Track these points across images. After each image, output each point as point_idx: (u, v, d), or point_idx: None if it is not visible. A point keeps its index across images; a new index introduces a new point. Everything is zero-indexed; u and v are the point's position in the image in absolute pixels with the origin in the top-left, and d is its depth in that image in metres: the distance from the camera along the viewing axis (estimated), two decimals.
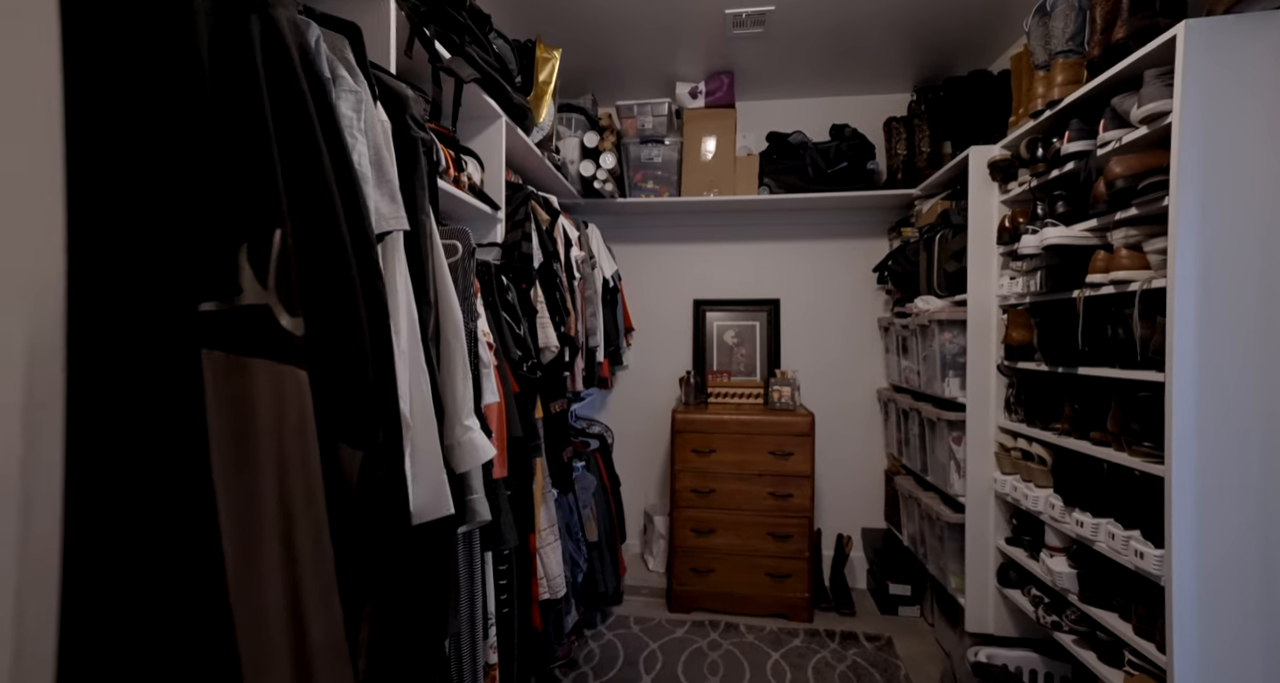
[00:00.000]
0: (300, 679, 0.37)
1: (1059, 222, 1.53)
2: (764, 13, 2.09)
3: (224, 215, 0.37)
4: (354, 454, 0.50)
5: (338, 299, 0.46)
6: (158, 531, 0.35)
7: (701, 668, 2.12)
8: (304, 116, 0.47)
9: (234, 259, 0.37)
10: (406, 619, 0.52)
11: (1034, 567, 1.67)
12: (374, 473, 0.53)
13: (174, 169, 0.35)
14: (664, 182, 2.68)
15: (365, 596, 0.45)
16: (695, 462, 2.52)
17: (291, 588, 0.38)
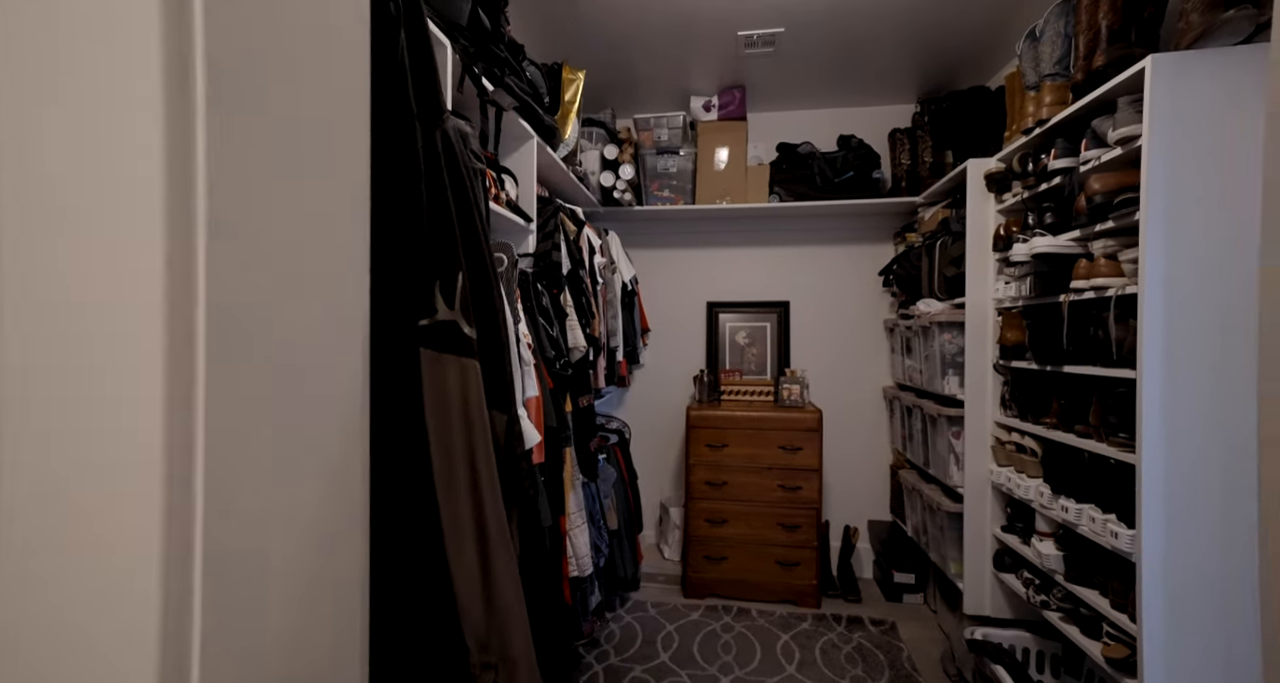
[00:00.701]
0: (481, 548, 0.54)
1: (1047, 231, 1.66)
2: (774, 34, 2.23)
3: (427, 264, 0.54)
4: (500, 417, 0.73)
5: (489, 317, 0.64)
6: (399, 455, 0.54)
7: (715, 648, 2.26)
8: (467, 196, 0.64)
9: (432, 291, 0.53)
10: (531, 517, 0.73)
11: (1026, 551, 1.80)
12: (512, 430, 0.76)
13: (403, 234, 0.54)
14: (679, 190, 2.82)
15: (511, 504, 0.67)
16: (709, 456, 2.66)
17: (476, 496, 0.55)
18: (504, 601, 0.57)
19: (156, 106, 0.24)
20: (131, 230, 0.24)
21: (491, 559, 0.56)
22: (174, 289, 0.24)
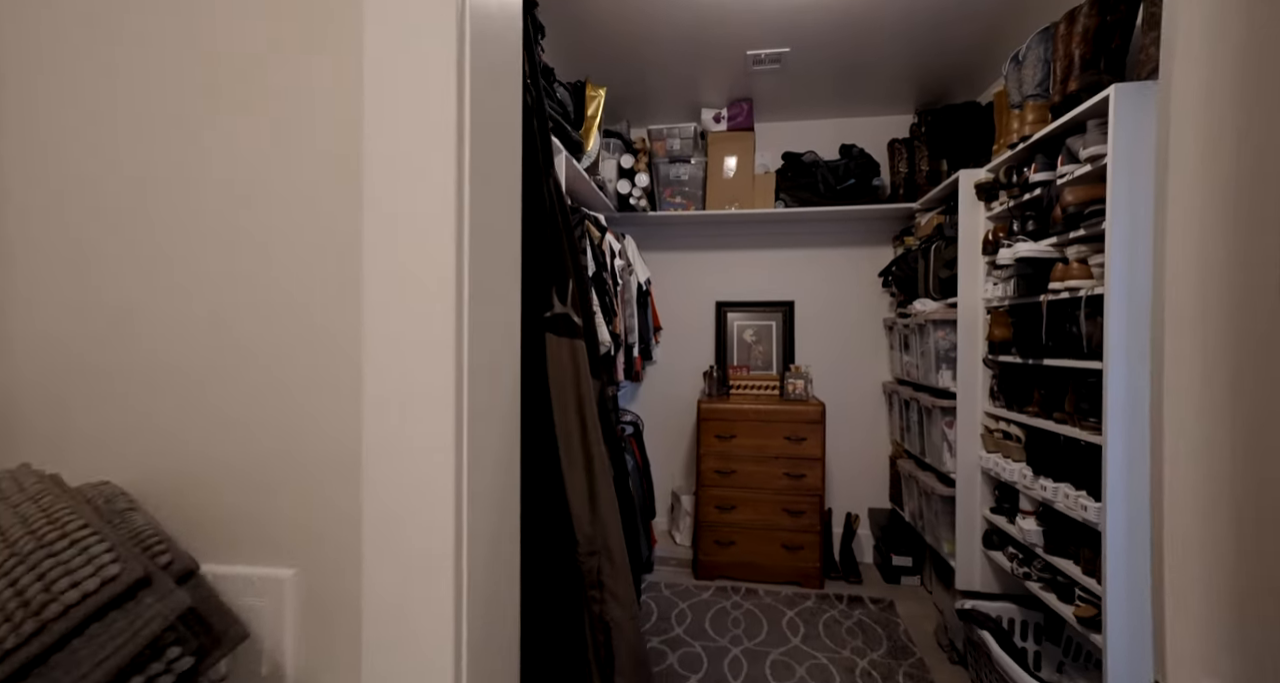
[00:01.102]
0: (588, 472, 0.72)
1: (1029, 237, 1.83)
2: (780, 53, 2.40)
3: (548, 274, 0.72)
4: (597, 382, 0.90)
5: (586, 311, 0.82)
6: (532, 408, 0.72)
7: (725, 623, 2.44)
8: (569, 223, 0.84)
9: (549, 293, 0.71)
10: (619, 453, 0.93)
11: (1011, 529, 1.97)
12: (605, 392, 0.95)
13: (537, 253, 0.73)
14: (690, 197, 3.00)
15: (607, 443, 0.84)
16: (718, 446, 2.84)
17: (584, 436, 0.74)
18: (603, 509, 0.74)
19: (451, 194, 0.42)
20: (439, 266, 0.42)
21: (595, 480, 0.75)
22: (459, 314, 0.41)
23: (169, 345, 0.48)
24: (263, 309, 0.46)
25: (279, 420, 0.46)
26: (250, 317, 0.47)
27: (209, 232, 0.47)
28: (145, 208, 0.48)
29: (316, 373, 0.45)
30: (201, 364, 0.47)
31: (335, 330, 0.45)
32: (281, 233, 0.46)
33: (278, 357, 0.46)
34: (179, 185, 0.48)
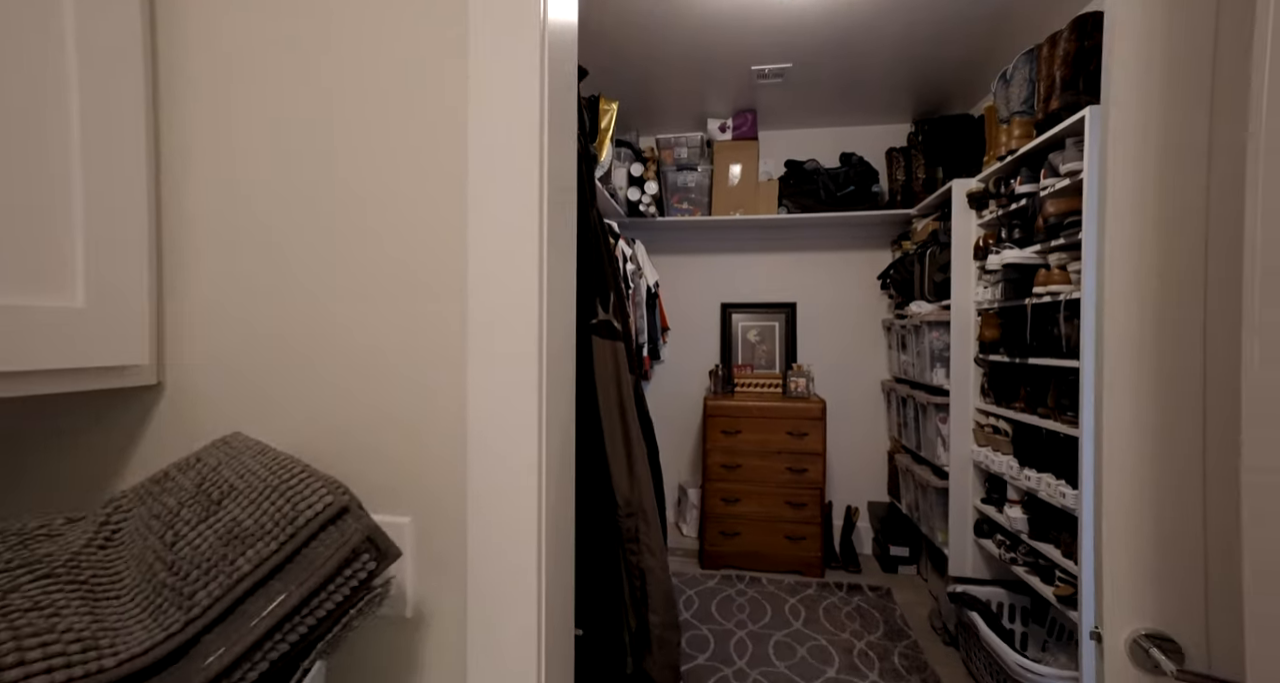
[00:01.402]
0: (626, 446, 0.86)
1: (1015, 244, 1.96)
2: (783, 68, 2.54)
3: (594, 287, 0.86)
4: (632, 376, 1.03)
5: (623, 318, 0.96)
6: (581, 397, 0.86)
7: (731, 608, 2.58)
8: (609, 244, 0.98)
9: (594, 303, 0.86)
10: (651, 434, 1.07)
11: (999, 518, 2.10)
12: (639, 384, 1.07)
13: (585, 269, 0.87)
14: (697, 203, 3.14)
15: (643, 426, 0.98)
16: (724, 441, 2.97)
17: (623, 418, 0.87)
18: (639, 478, 0.88)
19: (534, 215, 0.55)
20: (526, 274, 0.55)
21: (633, 456, 0.89)
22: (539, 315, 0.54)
23: (325, 330, 0.61)
24: (401, 302, 0.59)
25: (407, 394, 0.59)
26: (390, 308, 0.60)
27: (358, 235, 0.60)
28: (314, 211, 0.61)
29: (434, 356, 0.59)
30: (347, 346, 0.60)
31: (449, 321, 0.59)
32: (411, 235, 0.59)
33: (404, 341, 0.59)
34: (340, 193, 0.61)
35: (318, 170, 0.61)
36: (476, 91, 0.58)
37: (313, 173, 0.61)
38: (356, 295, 0.60)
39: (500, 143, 0.57)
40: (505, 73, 0.58)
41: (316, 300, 0.61)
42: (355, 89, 0.61)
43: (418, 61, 0.60)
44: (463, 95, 0.59)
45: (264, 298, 0.62)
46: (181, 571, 0.39)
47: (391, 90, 0.60)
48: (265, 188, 0.62)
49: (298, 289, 0.61)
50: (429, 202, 0.59)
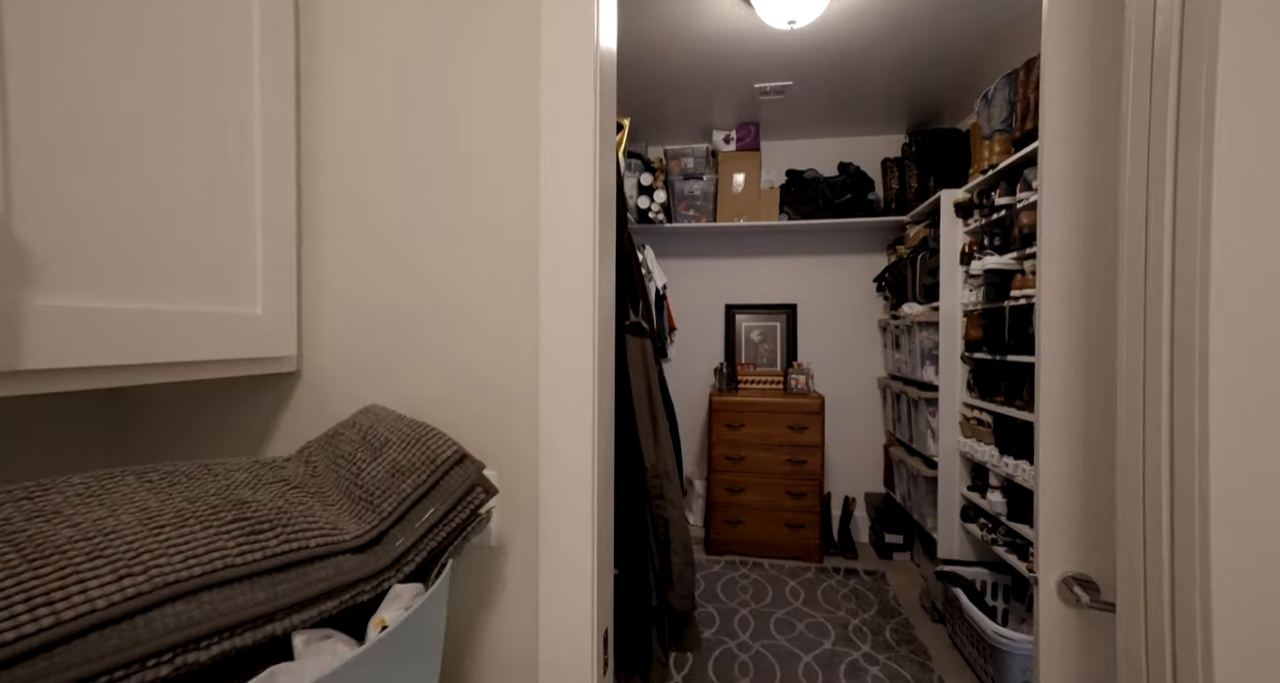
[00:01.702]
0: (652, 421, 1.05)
1: (995, 252, 2.14)
2: (784, 86, 2.72)
3: (627, 294, 1.04)
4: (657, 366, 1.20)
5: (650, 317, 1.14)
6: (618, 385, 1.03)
7: (735, 589, 2.76)
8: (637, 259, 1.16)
9: (626, 308, 1.04)
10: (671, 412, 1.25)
11: (982, 503, 2.28)
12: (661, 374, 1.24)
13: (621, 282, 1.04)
14: (702, 210, 3.32)
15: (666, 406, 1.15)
16: (728, 435, 3.16)
17: (650, 398, 1.06)
18: (663, 446, 1.06)
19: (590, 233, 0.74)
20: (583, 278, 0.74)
21: (658, 429, 1.07)
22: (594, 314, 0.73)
23: (427, 323, 0.80)
24: (486, 302, 0.77)
25: (491, 376, 0.78)
26: (477, 306, 0.78)
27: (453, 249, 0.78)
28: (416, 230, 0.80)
29: (512, 345, 0.77)
30: (444, 337, 0.79)
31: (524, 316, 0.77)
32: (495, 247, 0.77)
33: (488, 333, 0.78)
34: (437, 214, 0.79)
35: (418, 196, 0.80)
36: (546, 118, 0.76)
37: (413, 199, 0.80)
38: (452, 298, 0.79)
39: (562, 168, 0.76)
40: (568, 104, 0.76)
41: (420, 300, 0.80)
42: (450, 125, 0.79)
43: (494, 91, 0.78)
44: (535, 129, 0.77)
45: (377, 298, 0.80)
46: (368, 492, 0.58)
47: (478, 127, 0.79)
48: (376, 212, 0.81)
49: (405, 291, 0.80)
50: (507, 219, 0.78)
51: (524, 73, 0.77)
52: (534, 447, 0.77)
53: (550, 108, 0.77)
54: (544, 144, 0.77)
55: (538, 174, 0.77)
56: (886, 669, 2.12)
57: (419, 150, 0.80)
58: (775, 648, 2.26)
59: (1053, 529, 0.99)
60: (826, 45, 2.36)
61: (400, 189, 0.80)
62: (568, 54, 0.76)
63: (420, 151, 0.80)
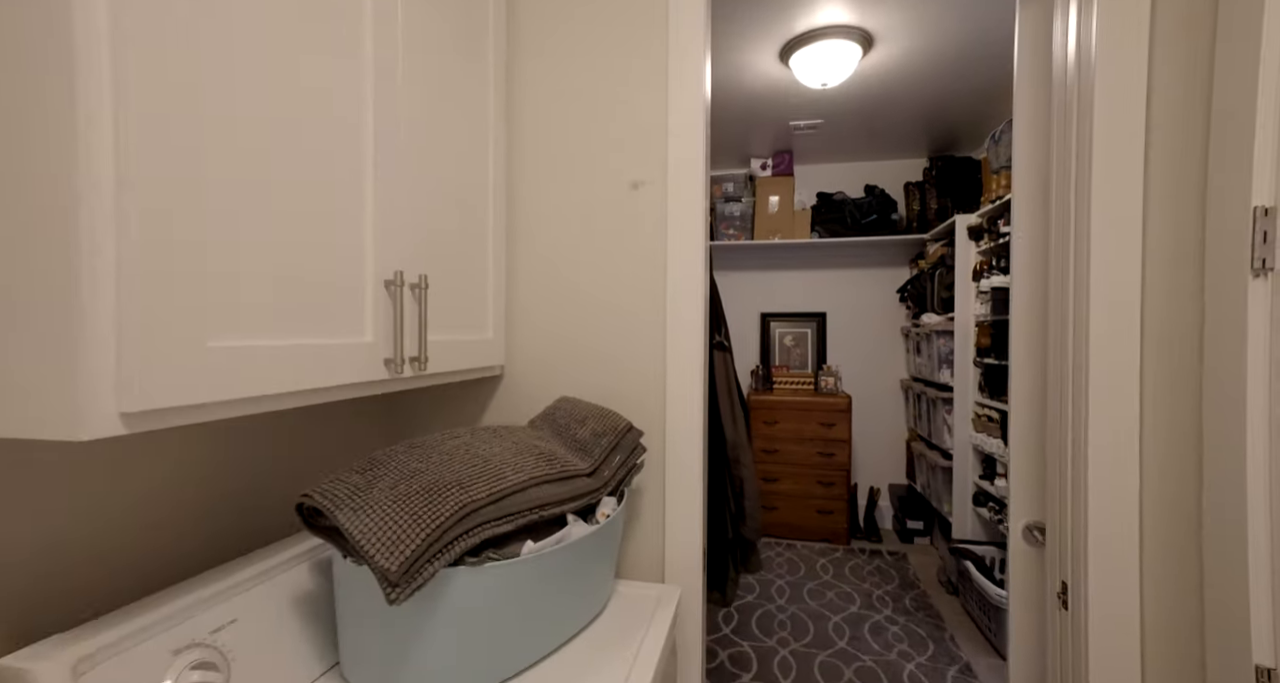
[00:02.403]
0: (732, 411, 1.44)
1: (1001, 272, 2.49)
2: (816, 123, 3.10)
3: (714, 320, 1.44)
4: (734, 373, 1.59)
5: (729, 340, 1.54)
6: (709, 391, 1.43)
7: (772, 565, 3.14)
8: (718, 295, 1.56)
9: (713, 331, 1.43)
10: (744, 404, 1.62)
11: (991, 489, 2.62)
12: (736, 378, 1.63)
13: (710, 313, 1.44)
14: (741, 228, 3.71)
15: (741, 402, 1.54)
16: (764, 430, 3.53)
17: (730, 398, 1.46)
18: (739, 426, 1.46)
19: (701, 272, 1.16)
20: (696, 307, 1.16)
21: (735, 413, 1.46)
22: (702, 335, 1.13)
23: (593, 335, 1.21)
24: (632, 318, 1.19)
25: (635, 371, 1.18)
26: (625, 321, 1.20)
27: (608, 279, 1.20)
28: (581, 266, 1.21)
29: (648, 350, 1.18)
30: (603, 344, 1.20)
31: (655, 330, 1.18)
32: (638, 279, 1.19)
33: (633, 340, 1.19)
34: (596, 251, 1.21)
35: (583, 239, 1.21)
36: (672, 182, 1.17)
37: (580, 242, 1.21)
38: (607, 320, 1.20)
39: (683, 208, 1.16)
40: (688, 151, 1.17)
41: (586, 321, 1.21)
42: (603, 190, 1.20)
43: (633, 152, 1.19)
44: (664, 194, 1.18)
45: (558, 318, 1.22)
46: (583, 445, 0.99)
47: (623, 198, 1.20)
48: (556, 252, 1.23)
49: (575, 315, 1.21)
50: (644, 262, 1.18)
51: (656, 164, 1.18)
52: (662, 423, 1.18)
53: (674, 172, 1.17)
54: (670, 209, 1.17)
55: (666, 233, 1.17)
56: (905, 629, 2.48)
57: (584, 209, 1.21)
58: (808, 610, 2.63)
59: (1019, 490, 1.37)
60: (855, 93, 2.73)
61: (569, 241, 1.22)
62: (687, 113, 1.17)
63: (582, 212, 1.21)
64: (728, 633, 2.45)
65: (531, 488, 0.82)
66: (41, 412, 0.47)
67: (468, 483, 0.74)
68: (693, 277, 1.16)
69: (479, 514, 0.73)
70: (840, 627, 2.49)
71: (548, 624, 0.84)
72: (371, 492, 0.69)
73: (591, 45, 1.20)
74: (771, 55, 2.36)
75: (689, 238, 1.16)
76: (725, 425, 1.46)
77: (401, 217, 0.85)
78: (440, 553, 0.67)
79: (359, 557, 0.65)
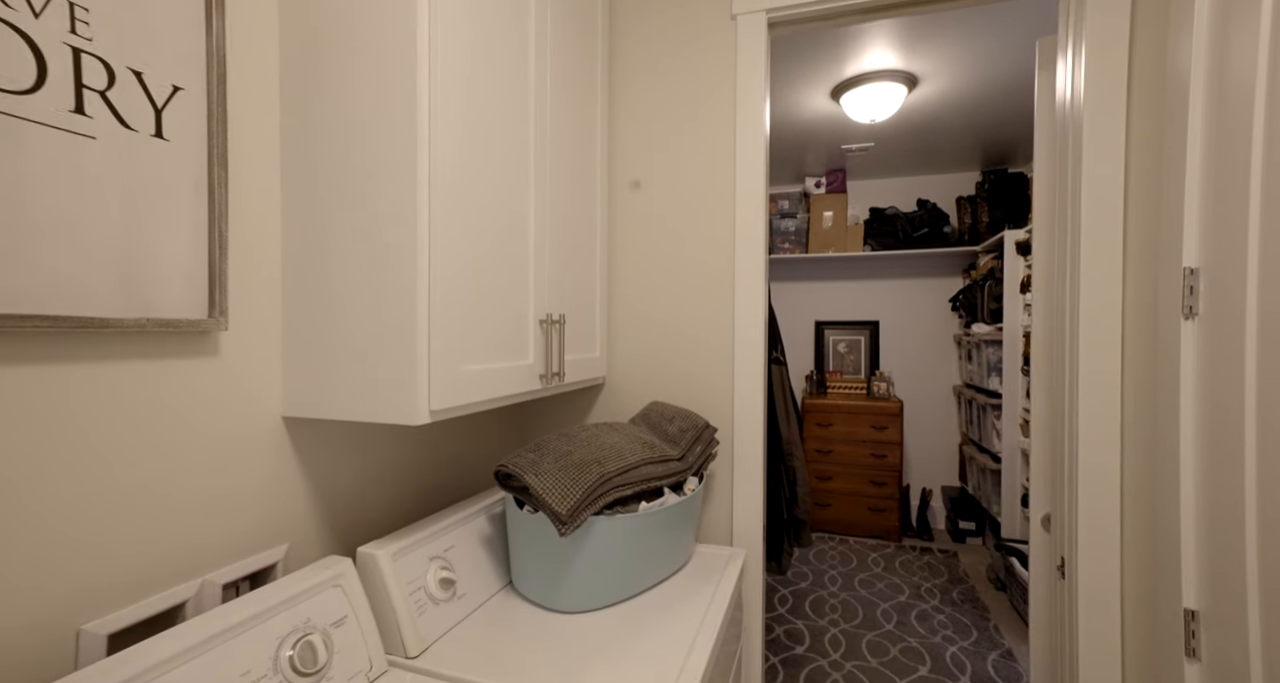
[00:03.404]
0: (786, 413, 1.75)
1: None
2: (868, 146, 3.32)
3: (772, 339, 1.75)
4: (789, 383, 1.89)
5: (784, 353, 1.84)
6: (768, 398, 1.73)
7: (825, 557, 3.38)
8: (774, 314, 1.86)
9: (771, 348, 1.74)
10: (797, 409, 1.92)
11: None
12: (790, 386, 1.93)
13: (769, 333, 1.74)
14: (796, 242, 3.96)
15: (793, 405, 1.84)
16: (818, 432, 3.77)
17: (785, 403, 1.77)
18: (792, 427, 1.75)
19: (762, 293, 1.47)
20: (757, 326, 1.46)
21: (789, 416, 1.76)
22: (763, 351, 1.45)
23: (675, 347, 1.54)
24: (706, 334, 1.52)
25: (708, 380, 1.51)
26: (700, 336, 1.52)
27: (695, 297, 1.53)
28: (668, 290, 1.56)
29: (717, 362, 1.49)
30: (684, 355, 1.53)
31: (724, 345, 1.50)
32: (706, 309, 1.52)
33: (706, 353, 1.51)
34: (683, 273, 1.54)
35: (673, 264, 1.55)
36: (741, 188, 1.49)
37: (669, 266, 1.55)
38: (686, 341, 1.53)
39: (749, 235, 1.48)
40: (750, 174, 1.48)
41: (671, 332, 1.54)
42: (681, 233, 1.53)
43: (712, 184, 1.51)
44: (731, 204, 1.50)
45: (647, 333, 1.56)
46: (672, 438, 1.32)
47: (702, 195, 1.52)
48: (646, 276, 1.57)
49: (661, 335, 1.55)
50: (717, 299, 1.51)
51: (725, 201, 1.50)
52: (731, 423, 1.49)
53: (741, 206, 1.49)
54: (738, 265, 1.49)
55: (734, 281, 1.49)
56: (950, 617, 2.68)
57: (665, 255, 1.55)
58: (858, 597, 2.87)
59: (1037, 486, 1.60)
60: (904, 121, 2.95)
61: (654, 282, 1.55)
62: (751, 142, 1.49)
63: (666, 250, 1.55)
64: (783, 612, 2.72)
65: (643, 466, 1.16)
66: (397, 408, 0.85)
67: (603, 460, 1.09)
68: (754, 309, 1.47)
69: (611, 482, 1.07)
70: (888, 613, 2.72)
71: (651, 564, 1.17)
72: (543, 463, 1.05)
73: (668, 99, 1.53)
74: (824, 94, 2.63)
75: (751, 278, 1.47)
76: (781, 426, 1.75)
77: (547, 275, 1.21)
78: (589, 505, 1.02)
79: (538, 505, 1.01)
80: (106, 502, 0.70)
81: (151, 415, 0.75)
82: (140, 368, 0.74)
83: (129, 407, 0.73)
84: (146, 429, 0.75)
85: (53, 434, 0.65)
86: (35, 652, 0.64)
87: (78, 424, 0.67)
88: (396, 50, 0.84)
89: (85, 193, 0.64)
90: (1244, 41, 0.86)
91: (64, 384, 0.66)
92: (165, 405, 0.77)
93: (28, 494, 0.63)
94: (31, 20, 0.59)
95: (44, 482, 0.65)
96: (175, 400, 0.78)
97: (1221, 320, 0.90)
